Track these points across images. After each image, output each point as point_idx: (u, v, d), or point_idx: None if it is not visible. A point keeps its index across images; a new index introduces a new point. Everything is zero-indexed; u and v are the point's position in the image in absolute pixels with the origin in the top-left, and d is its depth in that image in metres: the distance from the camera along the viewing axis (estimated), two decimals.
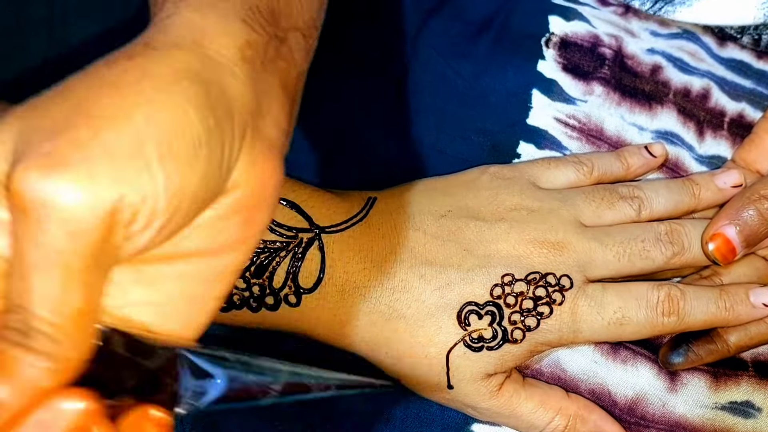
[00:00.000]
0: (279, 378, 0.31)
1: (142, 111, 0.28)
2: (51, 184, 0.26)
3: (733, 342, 0.46)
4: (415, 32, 0.57)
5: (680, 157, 0.52)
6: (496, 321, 0.44)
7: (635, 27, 0.57)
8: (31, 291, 0.26)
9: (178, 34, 0.31)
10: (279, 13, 0.36)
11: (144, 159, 0.27)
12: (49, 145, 0.26)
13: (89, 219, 0.26)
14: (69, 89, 0.28)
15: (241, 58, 0.32)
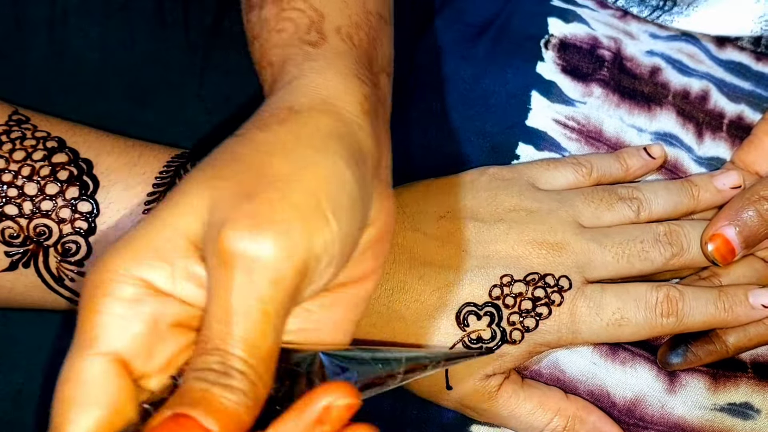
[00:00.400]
0: (401, 363, 0.36)
1: (311, 172, 0.32)
2: (258, 241, 0.29)
3: (732, 343, 0.46)
4: (415, 34, 0.57)
5: (679, 159, 0.52)
6: (495, 322, 0.44)
7: (634, 29, 0.57)
8: (231, 335, 0.29)
9: (311, 96, 0.35)
10: (373, 60, 0.40)
11: (322, 213, 0.31)
12: (248, 207, 0.30)
13: (288, 269, 0.30)
14: (237, 156, 0.32)
15: (362, 111, 0.36)
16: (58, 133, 0.45)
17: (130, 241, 0.31)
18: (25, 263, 0.43)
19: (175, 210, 0.31)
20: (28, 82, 0.51)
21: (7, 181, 0.43)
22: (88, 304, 0.30)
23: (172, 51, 0.53)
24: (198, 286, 0.31)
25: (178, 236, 0.31)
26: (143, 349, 0.30)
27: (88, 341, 0.29)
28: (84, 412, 0.29)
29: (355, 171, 0.33)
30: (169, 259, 0.31)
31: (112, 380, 0.29)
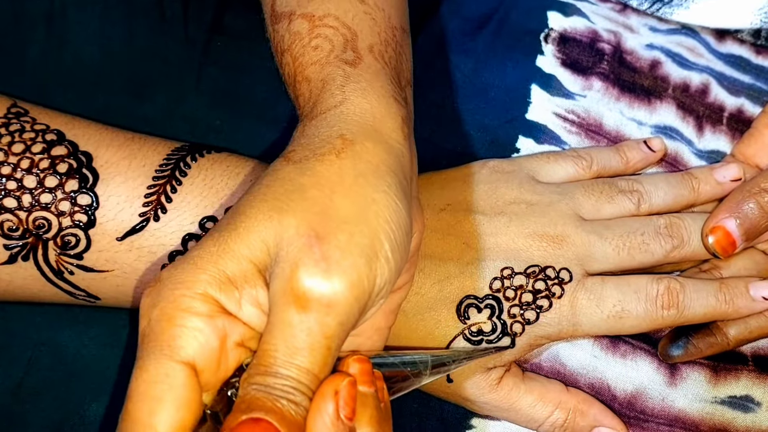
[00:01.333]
0: (427, 364, 0.40)
1: (373, 212, 0.35)
2: (332, 286, 0.33)
3: (732, 335, 0.46)
4: (415, 28, 0.57)
5: (679, 152, 0.52)
6: (496, 314, 0.44)
7: (634, 23, 0.57)
8: (297, 366, 0.32)
9: (359, 123, 0.38)
10: (401, 74, 0.42)
11: (384, 254, 0.35)
12: (319, 250, 0.33)
13: (355, 310, 0.33)
14: (300, 188, 0.35)
15: (403, 136, 0.39)
16: (57, 125, 0.45)
17: (202, 264, 0.33)
18: (25, 256, 0.43)
19: (244, 241, 0.34)
20: (27, 76, 0.51)
21: (6, 174, 0.43)
22: (165, 316, 0.32)
23: (171, 45, 0.53)
24: (261, 312, 0.34)
25: (247, 265, 0.33)
26: (214, 361, 0.33)
27: (172, 349, 0.32)
28: (169, 411, 0.31)
29: (405, 204, 0.36)
30: (239, 285, 0.33)
31: (193, 386, 0.32)
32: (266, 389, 0.32)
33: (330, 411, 0.32)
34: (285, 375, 0.32)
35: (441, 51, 0.55)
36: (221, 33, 0.54)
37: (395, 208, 0.35)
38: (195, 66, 0.53)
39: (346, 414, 0.33)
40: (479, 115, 0.53)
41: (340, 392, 0.33)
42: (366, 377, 0.35)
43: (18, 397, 0.47)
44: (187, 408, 0.32)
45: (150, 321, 0.33)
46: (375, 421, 0.34)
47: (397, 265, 0.35)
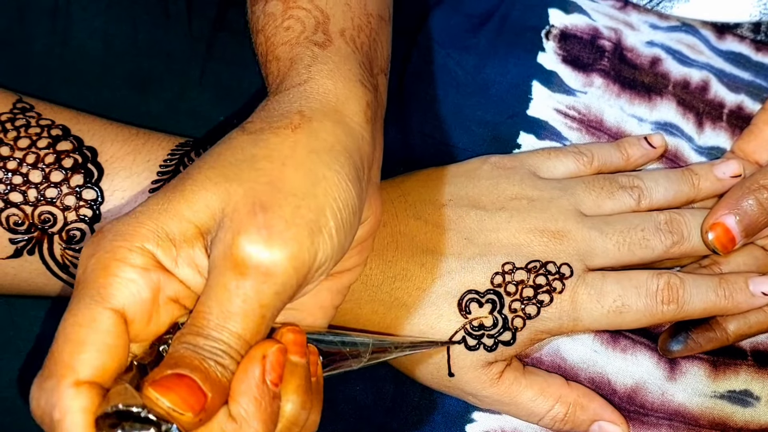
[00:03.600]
0: (367, 347, 0.40)
1: (321, 188, 0.35)
2: (272, 255, 0.33)
3: (732, 330, 0.47)
4: (417, 24, 0.57)
5: (679, 148, 0.53)
6: (497, 309, 0.45)
7: (634, 20, 0.57)
8: (228, 330, 0.33)
9: (321, 101, 0.38)
10: (373, 61, 0.42)
11: (328, 230, 0.35)
12: (262, 219, 0.33)
13: (292, 281, 0.34)
14: (251, 159, 0.35)
15: (366, 120, 0.39)
16: (62, 120, 0.45)
17: (143, 219, 0.34)
18: (30, 250, 0.43)
19: (189, 202, 0.34)
20: (31, 72, 0.51)
21: (11, 169, 0.43)
22: (101, 265, 0.33)
23: (175, 41, 0.53)
24: (197, 273, 0.34)
25: (189, 226, 0.34)
26: (146, 313, 0.33)
27: (102, 296, 0.32)
28: (95, 355, 0.32)
29: (357, 187, 0.37)
30: (177, 242, 0.34)
31: (120, 334, 0.32)
32: (195, 349, 0.32)
33: (256, 374, 0.33)
34: (216, 338, 0.33)
35: (442, 47, 0.55)
36: (225, 29, 0.55)
37: (345, 188, 0.36)
38: (199, 61, 0.53)
39: (271, 379, 0.33)
40: (481, 111, 0.53)
41: (267, 357, 0.33)
42: (298, 348, 0.35)
43: (22, 389, 0.47)
44: (110, 354, 0.32)
45: (86, 269, 0.33)
46: (302, 390, 0.35)
47: (341, 244, 0.36)
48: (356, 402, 0.47)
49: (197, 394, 0.31)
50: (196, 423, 0.31)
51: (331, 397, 0.47)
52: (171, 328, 0.35)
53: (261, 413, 0.32)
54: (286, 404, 0.34)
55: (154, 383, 0.31)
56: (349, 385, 0.48)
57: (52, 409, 0.31)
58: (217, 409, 0.32)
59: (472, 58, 0.55)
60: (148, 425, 0.30)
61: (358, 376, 0.48)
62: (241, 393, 0.32)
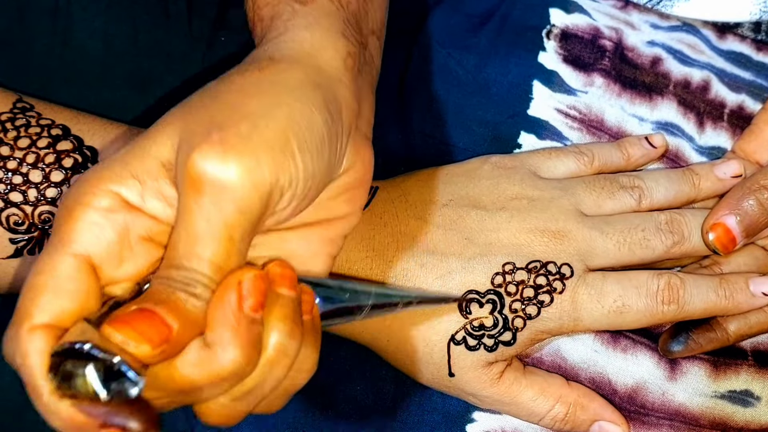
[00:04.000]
0: (370, 296, 0.38)
1: (283, 111, 0.34)
2: (227, 168, 0.32)
3: (732, 331, 0.47)
4: (417, 24, 0.57)
5: (680, 148, 0.53)
6: (497, 309, 0.45)
7: (635, 19, 0.57)
8: (197, 255, 0.32)
9: (295, 48, 0.38)
10: (362, 21, 0.42)
11: (290, 150, 0.34)
12: (217, 135, 0.32)
13: (254, 198, 0.32)
14: (214, 94, 0.35)
15: (345, 68, 0.38)
16: (62, 120, 0.45)
17: (108, 163, 0.34)
18: (30, 250, 0.43)
19: (150, 139, 0.34)
20: (31, 72, 0.51)
21: (11, 168, 0.43)
22: (65, 211, 0.33)
23: (175, 41, 0.53)
24: (167, 205, 0.34)
25: (150, 159, 0.33)
26: (113, 255, 0.33)
27: (63, 242, 0.32)
28: (52, 300, 0.31)
29: (326, 117, 0.35)
30: (141, 178, 0.33)
31: (81, 278, 0.32)
32: (167, 281, 0.32)
33: (231, 300, 0.32)
34: (186, 266, 0.32)
35: (443, 47, 0.55)
36: (225, 28, 0.55)
37: (308, 113, 0.35)
38: (199, 61, 0.53)
39: (249, 305, 0.32)
40: (481, 111, 0.53)
41: (243, 282, 0.32)
42: (285, 280, 0.34)
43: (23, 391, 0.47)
44: (71, 297, 0.32)
45: (56, 219, 0.33)
46: (290, 320, 0.33)
47: (306, 168, 0.34)
48: (356, 402, 0.47)
49: (158, 326, 0.30)
50: (158, 356, 0.30)
51: (331, 397, 0.47)
52: (157, 267, 0.34)
53: (238, 339, 0.31)
54: (271, 333, 0.33)
55: (111, 319, 0.30)
56: (350, 385, 0.48)
57: (14, 353, 0.31)
58: (187, 341, 0.31)
59: (472, 57, 0.55)
60: (88, 361, 0.29)
61: (358, 376, 0.48)
62: (215, 319, 0.32)
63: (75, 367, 0.29)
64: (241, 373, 0.32)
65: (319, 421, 0.46)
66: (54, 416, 0.30)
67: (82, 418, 0.30)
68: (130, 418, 0.29)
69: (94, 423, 0.29)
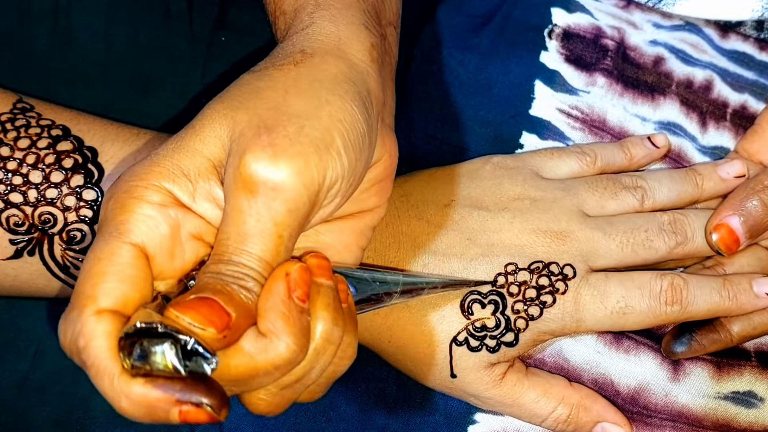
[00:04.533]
0: (398, 284, 0.40)
1: (325, 111, 0.35)
2: (278, 170, 0.33)
3: (736, 332, 0.46)
4: (419, 24, 0.57)
5: (683, 148, 0.52)
6: (500, 310, 0.45)
7: (637, 19, 0.57)
8: (248, 252, 0.33)
9: (323, 41, 0.38)
10: (380, 12, 0.43)
11: (335, 148, 0.35)
12: (267, 138, 0.33)
13: (304, 198, 0.34)
14: (255, 90, 0.36)
15: (371, 59, 0.39)
16: (62, 121, 0.45)
17: (158, 160, 0.34)
18: (30, 251, 0.43)
19: (199, 137, 0.35)
20: (32, 72, 0.51)
21: (11, 169, 0.43)
22: (118, 203, 0.34)
23: (176, 41, 0.53)
24: (215, 206, 0.35)
25: (202, 159, 0.35)
26: (166, 249, 0.34)
27: (120, 232, 0.33)
28: (116, 285, 0.32)
29: (363, 113, 0.36)
30: (193, 179, 0.34)
31: (141, 266, 0.33)
32: (218, 276, 0.33)
33: (281, 290, 0.33)
34: (236, 261, 0.33)
35: (445, 47, 0.55)
36: (226, 29, 0.55)
37: (350, 111, 0.36)
38: (200, 62, 0.53)
39: (298, 295, 0.33)
40: (483, 111, 0.53)
41: (290, 274, 0.33)
42: (323, 271, 0.35)
43: (23, 391, 0.47)
44: (132, 285, 0.32)
45: (106, 211, 0.34)
46: (332, 308, 0.34)
47: (350, 165, 0.36)
48: (358, 403, 0.47)
49: (220, 312, 0.31)
50: (220, 340, 0.31)
51: (332, 398, 0.47)
52: (198, 265, 0.35)
53: (290, 327, 0.32)
54: (317, 322, 0.34)
55: (174, 304, 0.31)
56: (351, 386, 0.47)
57: (77, 337, 0.31)
58: (243, 330, 0.32)
59: (474, 57, 0.54)
60: (165, 338, 0.30)
61: (360, 377, 0.47)
62: (267, 309, 0.33)
63: (152, 344, 0.30)
64: (295, 360, 0.33)
65: (320, 422, 0.46)
66: (124, 397, 0.31)
67: (156, 394, 0.30)
68: (204, 395, 0.30)
69: (169, 399, 0.30)
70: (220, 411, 0.31)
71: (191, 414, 0.30)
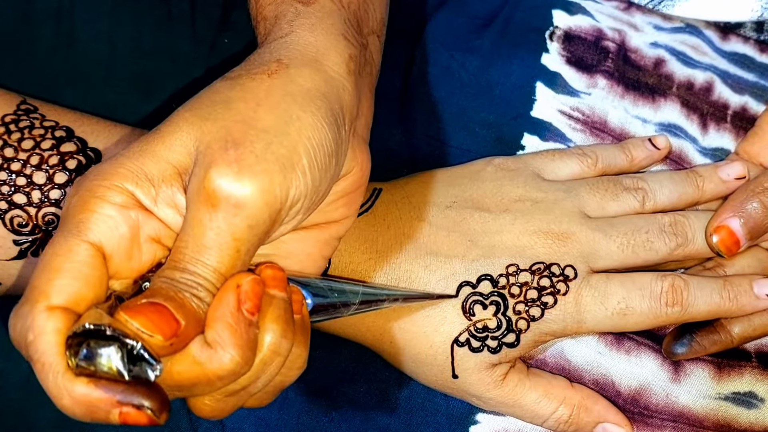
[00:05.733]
0: (357, 295, 0.40)
1: (295, 127, 0.35)
2: (241, 187, 0.33)
3: (736, 333, 0.47)
4: (420, 26, 0.57)
5: (684, 150, 0.52)
6: (501, 311, 0.45)
7: (638, 21, 0.57)
8: (203, 263, 0.34)
9: (300, 51, 0.38)
10: (362, 21, 0.43)
11: (301, 167, 0.35)
12: (234, 153, 0.34)
13: (265, 215, 0.34)
14: (226, 100, 0.36)
15: (348, 71, 0.39)
16: (66, 122, 0.45)
17: (122, 161, 0.35)
18: (34, 252, 0.43)
19: (166, 143, 0.35)
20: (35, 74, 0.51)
21: (15, 170, 0.43)
22: (80, 201, 0.34)
23: (179, 42, 0.54)
24: (176, 212, 0.35)
25: (166, 165, 0.35)
26: (123, 250, 0.34)
27: (80, 230, 0.33)
28: (70, 283, 0.32)
29: (333, 130, 0.37)
30: (156, 183, 0.35)
31: (95, 265, 0.33)
32: (172, 282, 0.33)
33: (230, 302, 0.33)
34: (191, 270, 0.33)
35: (446, 49, 0.55)
36: (228, 30, 0.55)
37: (319, 128, 0.36)
38: (202, 63, 0.53)
39: (247, 308, 0.33)
40: (484, 113, 0.53)
41: (242, 286, 0.34)
42: (277, 282, 0.35)
43: (26, 392, 0.47)
44: (86, 283, 0.32)
45: (68, 207, 0.34)
46: (282, 320, 0.35)
47: (314, 184, 0.36)
48: (360, 403, 0.47)
49: (169, 320, 0.32)
50: (167, 348, 0.32)
51: (334, 399, 0.47)
52: (154, 267, 0.35)
53: (236, 339, 0.33)
54: (265, 333, 0.34)
55: (125, 308, 0.31)
56: (353, 386, 0.48)
57: (27, 331, 0.32)
58: (191, 338, 0.33)
59: (475, 59, 0.55)
60: (112, 342, 0.31)
61: (361, 377, 0.48)
62: (215, 319, 0.33)
63: (99, 346, 0.31)
64: (239, 372, 0.33)
65: (322, 423, 0.46)
66: (65, 394, 0.31)
67: (97, 395, 0.31)
68: (145, 398, 0.31)
69: (110, 401, 0.31)
70: (161, 414, 0.31)
71: (131, 416, 0.31)
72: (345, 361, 0.48)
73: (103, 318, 0.31)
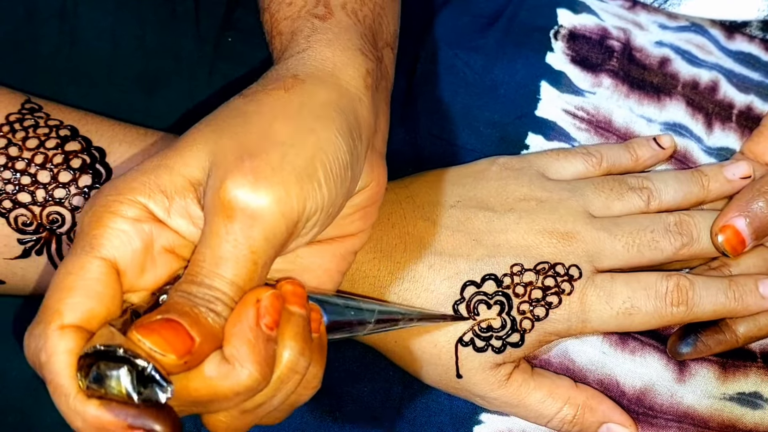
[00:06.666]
0: (373, 314, 0.40)
1: (311, 140, 0.35)
2: (258, 197, 0.33)
3: (741, 332, 0.46)
4: (425, 25, 0.57)
5: (689, 149, 0.52)
6: (505, 311, 0.45)
7: (643, 20, 0.57)
8: (220, 276, 0.33)
9: (317, 67, 0.39)
10: (377, 35, 0.43)
11: (317, 179, 0.35)
12: (249, 164, 0.33)
13: (282, 227, 0.34)
14: (242, 114, 0.36)
15: (365, 86, 0.39)
16: (70, 121, 0.45)
17: (136, 176, 0.35)
18: (38, 251, 0.43)
19: (181, 157, 0.35)
20: (39, 73, 0.51)
21: (20, 169, 0.43)
22: (94, 217, 0.34)
23: (183, 41, 0.54)
24: (190, 223, 0.35)
25: (180, 178, 0.35)
26: (137, 263, 0.34)
27: (93, 246, 0.33)
28: (82, 301, 0.32)
29: (349, 143, 0.36)
30: (169, 195, 0.34)
31: (109, 282, 0.33)
32: (189, 296, 0.33)
33: (249, 317, 0.33)
34: (208, 284, 0.33)
35: (451, 48, 0.55)
36: (232, 29, 0.55)
37: (334, 141, 0.36)
38: (206, 62, 0.53)
39: (266, 323, 0.33)
40: (489, 112, 0.53)
41: (261, 301, 0.33)
42: (297, 299, 0.35)
43: (30, 391, 0.47)
44: (99, 300, 0.32)
45: (82, 223, 0.34)
46: (300, 338, 0.34)
47: (331, 196, 0.36)
48: (364, 403, 0.47)
49: (183, 337, 0.31)
50: (181, 366, 0.31)
51: (338, 399, 0.47)
52: (172, 280, 0.35)
53: (255, 355, 0.32)
54: (284, 350, 0.34)
55: (138, 326, 0.31)
56: (357, 386, 0.48)
57: (40, 351, 0.32)
58: (207, 354, 0.32)
59: (480, 58, 0.55)
60: (122, 364, 0.30)
61: (366, 377, 0.48)
62: (234, 335, 0.33)
63: (108, 368, 0.30)
64: (257, 388, 0.33)
65: (327, 422, 0.46)
66: (78, 416, 0.31)
67: (108, 418, 0.30)
68: (155, 422, 0.30)
69: (121, 424, 0.30)
70: None
71: None
72: (349, 360, 0.48)
73: (114, 337, 0.31)
